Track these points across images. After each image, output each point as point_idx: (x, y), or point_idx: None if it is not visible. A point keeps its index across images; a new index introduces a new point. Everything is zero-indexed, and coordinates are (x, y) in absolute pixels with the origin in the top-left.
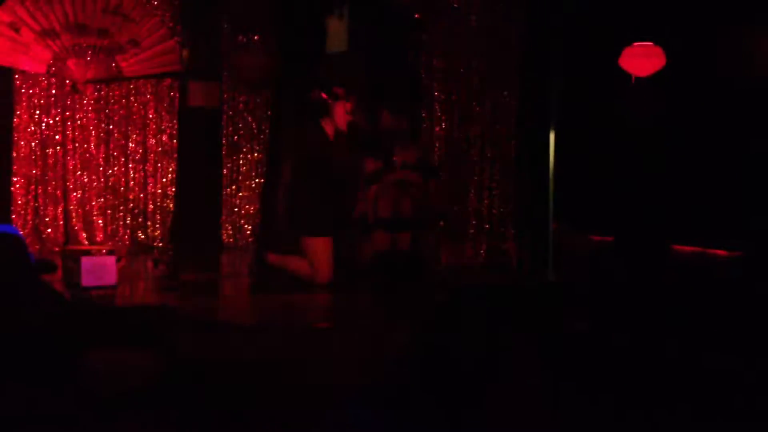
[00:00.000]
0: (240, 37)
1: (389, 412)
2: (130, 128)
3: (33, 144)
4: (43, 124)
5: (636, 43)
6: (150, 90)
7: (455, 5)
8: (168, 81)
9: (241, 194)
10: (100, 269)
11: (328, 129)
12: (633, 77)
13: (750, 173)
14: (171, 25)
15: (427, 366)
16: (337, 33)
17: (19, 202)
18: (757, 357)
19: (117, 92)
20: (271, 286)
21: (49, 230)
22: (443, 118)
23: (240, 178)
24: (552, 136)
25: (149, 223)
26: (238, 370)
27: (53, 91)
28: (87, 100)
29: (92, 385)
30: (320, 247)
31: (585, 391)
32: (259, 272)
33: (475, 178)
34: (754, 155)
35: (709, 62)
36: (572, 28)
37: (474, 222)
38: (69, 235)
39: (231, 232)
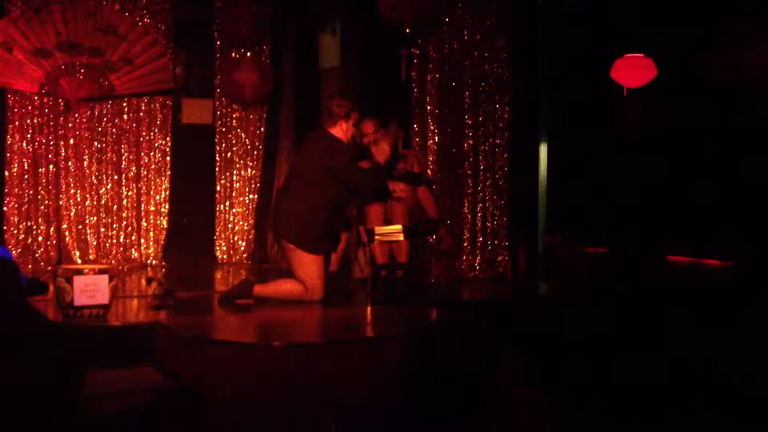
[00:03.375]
0: (233, 54)
1: (384, 430)
2: (123, 146)
3: (26, 163)
4: (36, 143)
5: (627, 55)
6: (143, 108)
7: (446, 19)
8: (161, 98)
9: (234, 211)
10: (92, 288)
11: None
12: (625, 89)
13: (742, 182)
14: (164, 42)
15: (422, 381)
16: (329, 49)
17: (12, 221)
18: (748, 362)
19: (110, 110)
20: (265, 303)
21: (42, 249)
22: (436, 131)
23: (234, 194)
24: (544, 149)
25: (143, 240)
26: (234, 387)
27: (46, 110)
28: (80, 119)
29: (86, 406)
30: (314, 265)
31: (583, 401)
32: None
33: (469, 190)
34: (746, 164)
35: (701, 72)
36: (564, 41)
37: (468, 235)
38: (62, 253)
39: (225, 249)
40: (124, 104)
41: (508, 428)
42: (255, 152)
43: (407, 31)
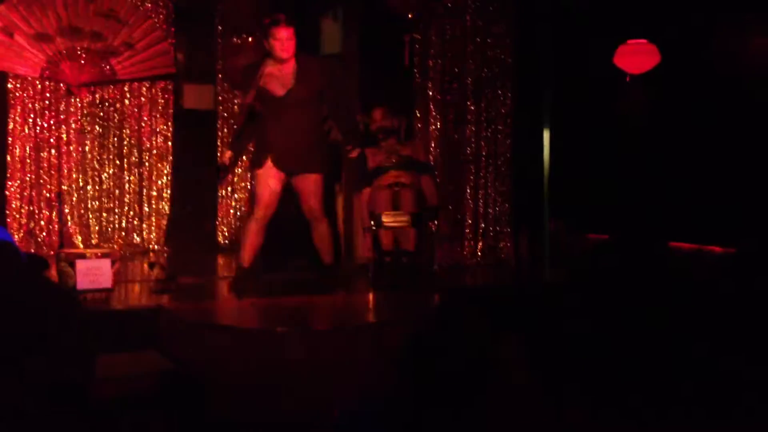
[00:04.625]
0: (234, 39)
1: (386, 416)
2: (124, 131)
3: (27, 147)
4: (38, 128)
5: (630, 41)
6: (144, 93)
7: (448, 5)
8: (162, 83)
9: (236, 196)
10: (95, 272)
11: None
12: (628, 75)
13: (746, 170)
14: (165, 27)
15: (424, 368)
16: (330, 34)
17: (14, 205)
18: (750, 354)
19: (111, 95)
20: (267, 289)
21: (44, 233)
22: (438, 117)
23: (236, 179)
24: (546, 135)
25: (144, 225)
26: (236, 373)
27: (47, 95)
28: (81, 103)
29: (90, 389)
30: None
31: (584, 392)
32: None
33: (471, 177)
34: (750, 151)
35: (705, 59)
36: (567, 26)
37: (470, 221)
38: (64, 238)
39: (226, 234)
40: (126, 89)
41: (509, 417)
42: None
43: (409, 16)
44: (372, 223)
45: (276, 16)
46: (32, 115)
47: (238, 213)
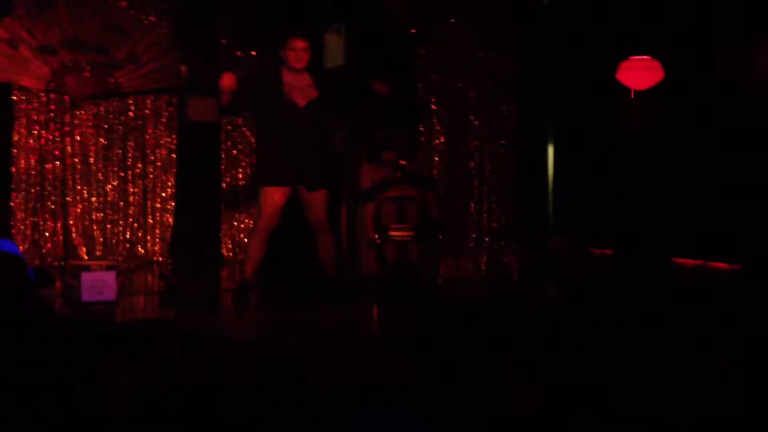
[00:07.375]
0: (238, 53)
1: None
2: (128, 143)
3: (32, 159)
4: (42, 140)
5: (633, 57)
6: (148, 105)
7: (452, 20)
8: (166, 96)
9: (239, 208)
10: (100, 284)
11: None
12: (632, 91)
13: (750, 185)
14: (169, 40)
15: (424, 382)
16: (334, 48)
17: (19, 217)
18: (754, 369)
19: (115, 108)
20: (271, 300)
21: (49, 245)
22: (441, 131)
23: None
24: (550, 150)
25: (149, 237)
26: (239, 385)
27: (52, 107)
28: (85, 116)
29: (93, 402)
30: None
31: (585, 404)
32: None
33: (474, 191)
34: (754, 167)
35: (708, 75)
36: (570, 42)
37: (473, 235)
38: (68, 250)
39: (230, 246)
40: (130, 102)
41: (509, 429)
42: None
43: (412, 30)
44: (377, 236)
45: (294, 27)
46: (37, 127)
47: (242, 225)
